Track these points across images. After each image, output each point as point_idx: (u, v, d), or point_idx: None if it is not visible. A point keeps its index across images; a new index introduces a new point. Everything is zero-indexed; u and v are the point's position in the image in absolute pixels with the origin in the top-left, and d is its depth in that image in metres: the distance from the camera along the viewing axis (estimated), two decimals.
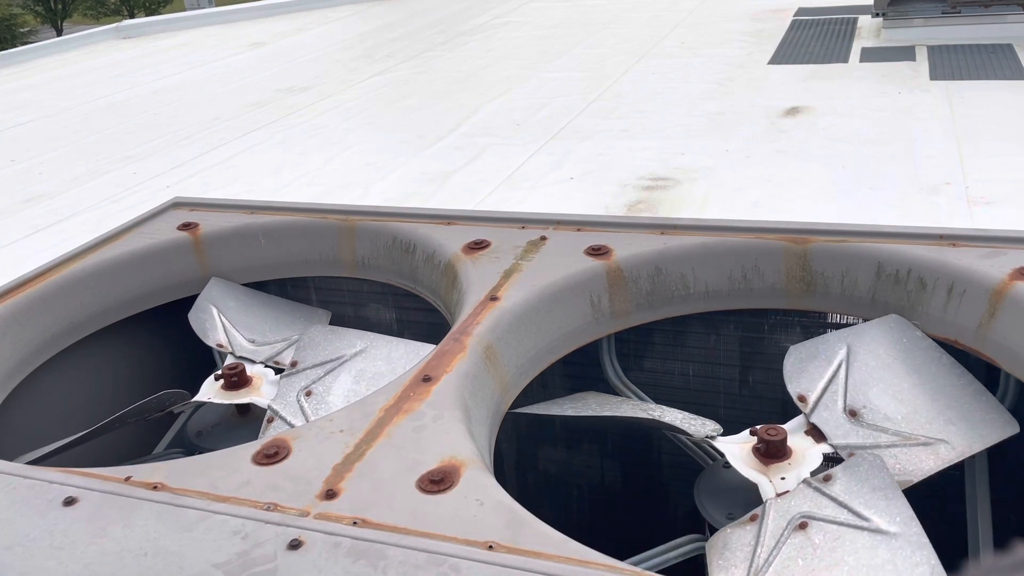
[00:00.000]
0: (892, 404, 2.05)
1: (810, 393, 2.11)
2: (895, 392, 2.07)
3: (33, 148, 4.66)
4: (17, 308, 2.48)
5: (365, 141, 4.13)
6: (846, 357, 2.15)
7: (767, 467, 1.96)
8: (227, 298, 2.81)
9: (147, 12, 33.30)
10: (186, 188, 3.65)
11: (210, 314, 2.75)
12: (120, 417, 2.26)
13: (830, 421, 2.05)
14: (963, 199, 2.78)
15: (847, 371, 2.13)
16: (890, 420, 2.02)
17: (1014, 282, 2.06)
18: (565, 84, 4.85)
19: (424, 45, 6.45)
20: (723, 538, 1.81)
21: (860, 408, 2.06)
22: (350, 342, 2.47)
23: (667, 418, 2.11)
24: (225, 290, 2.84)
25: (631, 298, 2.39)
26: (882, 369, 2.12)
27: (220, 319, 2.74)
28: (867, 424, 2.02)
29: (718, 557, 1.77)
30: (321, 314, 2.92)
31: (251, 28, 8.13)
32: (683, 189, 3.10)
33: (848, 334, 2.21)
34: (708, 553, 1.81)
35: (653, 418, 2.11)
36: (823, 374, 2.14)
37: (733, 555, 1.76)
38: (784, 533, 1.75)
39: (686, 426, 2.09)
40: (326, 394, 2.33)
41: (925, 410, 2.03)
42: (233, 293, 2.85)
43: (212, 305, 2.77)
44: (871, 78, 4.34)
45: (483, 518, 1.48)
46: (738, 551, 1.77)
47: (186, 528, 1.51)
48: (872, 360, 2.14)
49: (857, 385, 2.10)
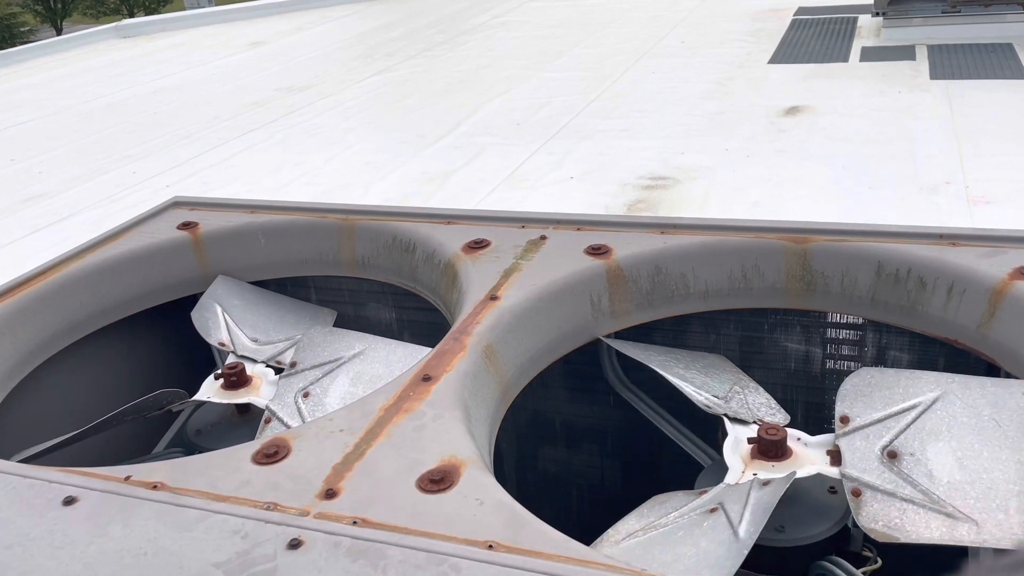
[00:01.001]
0: (948, 466, 1.79)
1: (857, 418, 1.93)
2: (963, 457, 1.81)
3: (33, 147, 4.66)
4: (17, 308, 2.48)
5: (365, 141, 4.13)
6: (930, 402, 1.91)
7: (759, 463, 1.96)
8: (233, 296, 2.81)
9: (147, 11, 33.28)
10: (186, 187, 3.65)
11: (214, 312, 2.74)
12: (117, 415, 2.26)
13: (859, 451, 1.88)
14: (963, 199, 2.78)
15: (921, 415, 1.89)
16: (931, 479, 1.79)
17: (1014, 281, 2.06)
18: (565, 84, 4.85)
19: (424, 45, 6.44)
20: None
21: (906, 454, 1.84)
22: (349, 344, 2.47)
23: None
24: (231, 288, 2.83)
25: (631, 297, 2.39)
26: (970, 430, 1.84)
27: (224, 317, 2.74)
28: (899, 471, 1.81)
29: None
30: (326, 313, 2.91)
31: (251, 27, 8.12)
32: (683, 188, 3.09)
33: (953, 381, 1.94)
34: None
35: None
36: (887, 407, 1.93)
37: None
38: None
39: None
40: (323, 396, 2.33)
41: (985, 487, 1.75)
42: (239, 291, 2.84)
43: (216, 303, 2.77)
44: (871, 77, 4.34)
45: (483, 518, 1.48)
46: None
47: (186, 528, 1.51)
48: (966, 417, 1.86)
49: (922, 432, 1.86)
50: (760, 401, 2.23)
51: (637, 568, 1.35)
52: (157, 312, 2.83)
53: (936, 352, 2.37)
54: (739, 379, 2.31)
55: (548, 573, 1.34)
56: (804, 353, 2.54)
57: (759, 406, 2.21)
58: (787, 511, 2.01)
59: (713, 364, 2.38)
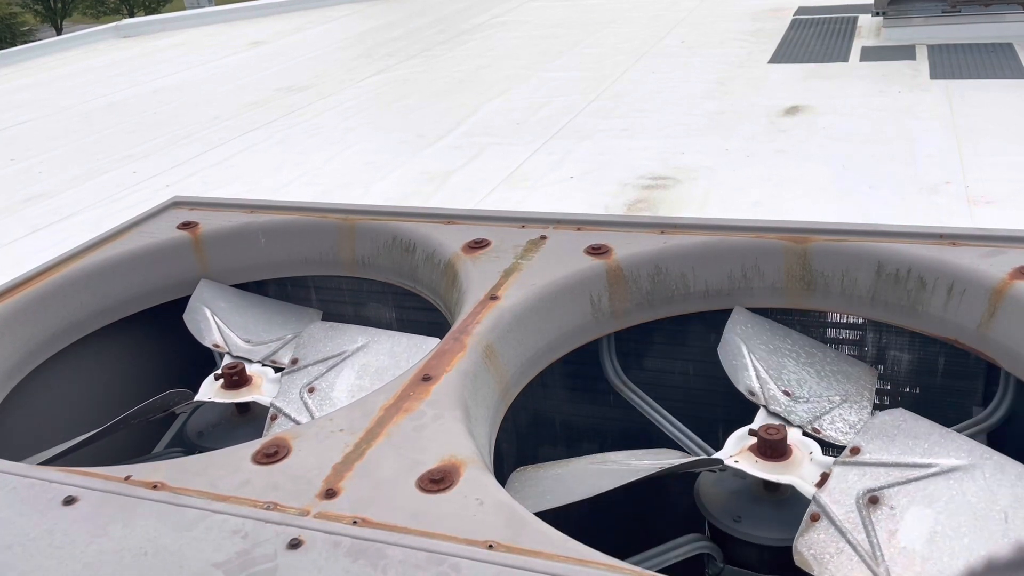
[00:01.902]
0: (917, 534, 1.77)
1: (867, 455, 1.94)
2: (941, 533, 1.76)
3: (33, 147, 4.66)
4: (17, 307, 2.48)
5: (365, 140, 4.13)
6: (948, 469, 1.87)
7: (772, 466, 1.96)
8: (218, 299, 2.81)
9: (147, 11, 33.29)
10: (186, 187, 3.65)
11: (204, 315, 2.74)
12: (125, 418, 2.26)
13: (845, 483, 1.89)
14: (963, 198, 2.78)
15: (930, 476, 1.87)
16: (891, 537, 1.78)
17: (1014, 281, 2.06)
18: (565, 84, 4.85)
19: (424, 44, 6.44)
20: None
21: (885, 506, 1.83)
22: (351, 338, 2.47)
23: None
24: (215, 291, 2.84)
25: (631, 297, 2.39)
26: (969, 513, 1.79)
27: (214, 320, 2.74)
28: (865, 517, 1.83)
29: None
30: (312, 313, 2.92)
31: (251, 27, 8.12)
32: (683, 188, 3.09)
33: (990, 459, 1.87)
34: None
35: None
36: (903, 455, 1.93)
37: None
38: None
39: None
40: (330, 390, 2.33)
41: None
42: (223, 294, 2.85)
43: (204, 306, 2.77)
44: (871, 77, 4.34)
45: (483, 517, 1.48)
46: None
47: (186, 527, 1.51)
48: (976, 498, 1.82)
49: (918, 492, 1.85)
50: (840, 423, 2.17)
51: (637, 569, 1.35)
52: (157, 312, 2.83)
53: (936, 352, 2.37)
54: (849, 395, 2.24)
55: (548, 573, 1.34)
56: None
57: (829, 423, 2.16)
58: (789, 511, 2.01)
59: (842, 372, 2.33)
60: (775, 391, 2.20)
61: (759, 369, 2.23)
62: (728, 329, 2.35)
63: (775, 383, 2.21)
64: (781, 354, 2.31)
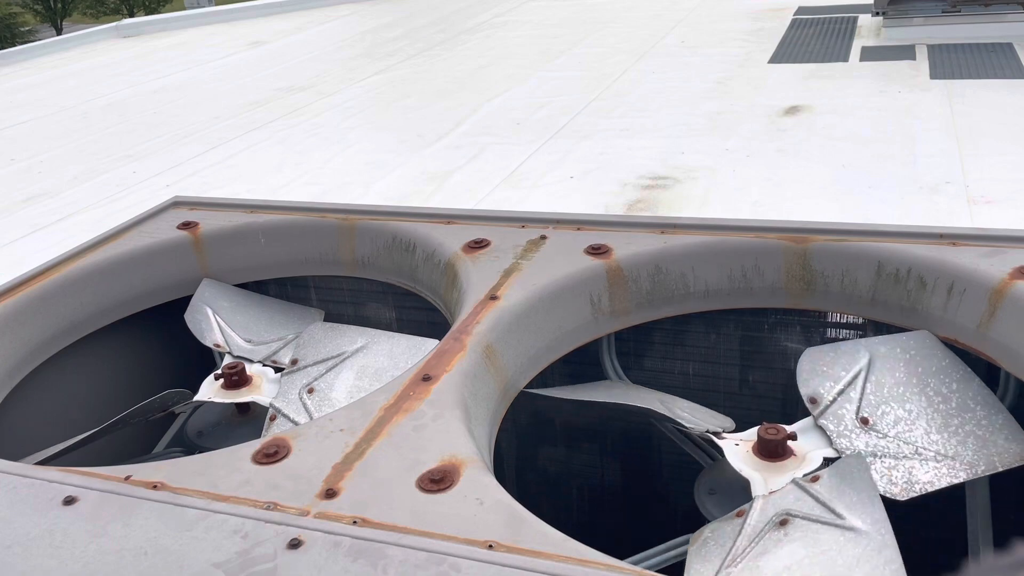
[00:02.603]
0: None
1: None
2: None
3: (33, 147, 4.66)
4: (17, 308, 2.48)
5: (365, 140, 4.13)
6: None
7: (766, 465, 1.96)
8: (220, 299, 2.81)
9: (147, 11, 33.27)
10: (186, 187, 3.65)
11: (205, 315, 2.74)
12: (124, 418, 2.26)
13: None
14: (963, 198, 2.78)
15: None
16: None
17: (1014, 281, 2.06)
18: (565, 83, 4.85)
19: (424, 44, 6.44)
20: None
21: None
22: (351, 339, 2.47)
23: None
24: (217, 291, 2.84)
25: (631, 297, 2.39)
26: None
27: (215, 319, 2.74)
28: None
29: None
30: (314, 313, 2.92)
31: (251, 27, 8.12)
32: (683, 188, 3.09)
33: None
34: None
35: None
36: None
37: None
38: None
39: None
40: (329, 391, 2.33)
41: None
42: (226, 294, 2.85)
43: (206, 306, 2.77)
44: (871, 77, 4.34)
45: (483, 517, 1.48)
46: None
47: (186, 527, 1.51)
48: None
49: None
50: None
51: (637, 569, 1.35)
52: (157, 312, 2.83)
53: None
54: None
55: (548, 573, 1.34)
56: None
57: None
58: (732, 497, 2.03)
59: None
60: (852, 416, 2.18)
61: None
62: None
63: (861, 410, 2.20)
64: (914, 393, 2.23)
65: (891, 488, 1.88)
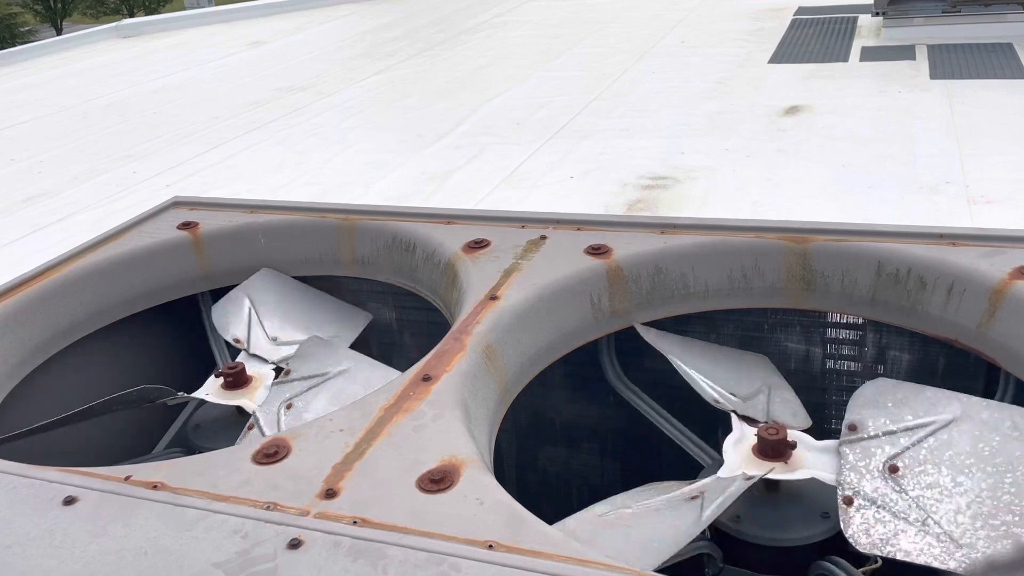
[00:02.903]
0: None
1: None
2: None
3: (33, 147, 4.66)
4: (17, 308, 2.48)
5: (365, 140, 4.13)
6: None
7: (757, 461, 1.96)
8: (270, 290, 2.78)
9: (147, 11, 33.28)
10: (186, 187, 3.65)
11: (241, 305, 2.73)
12: (95, 407, 2.25)
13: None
14: (963, 198, 2.78)
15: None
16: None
17: (1014, 281, 2.06)
18: (565, 83, 4.85)
19: (424, 44, 6.44)
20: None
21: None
22: (338, 360, 2.46)
23: None
24: (270, 281, 2.81)
25: (631, 297, 2.39)
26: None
27: (250, 312, 2.72)
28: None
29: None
30: (362, 317, 2.88)
31: (251, 27, 8.12)
32: (683, 188, 3.09)
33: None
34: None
35: None
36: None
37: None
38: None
39: None
40: (304, 410, 2.32)
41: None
42: (279, 285, 2.81)
43: (248, 296, 2.75)
44: (871, 77, 4.34)
45: (483, 517, 1.48)
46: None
47: (186, 527, 1.51)
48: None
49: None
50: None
51: (637, 569, 1.35)
52: (157, 312, 2.83)
53: (936, 352, 2.37)
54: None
55: (548, 573, 1.34)
56: (804, 353, 2.54)
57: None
58: (789, 511, 2.01)
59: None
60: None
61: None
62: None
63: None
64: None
65: (860, 537, 1.74)
